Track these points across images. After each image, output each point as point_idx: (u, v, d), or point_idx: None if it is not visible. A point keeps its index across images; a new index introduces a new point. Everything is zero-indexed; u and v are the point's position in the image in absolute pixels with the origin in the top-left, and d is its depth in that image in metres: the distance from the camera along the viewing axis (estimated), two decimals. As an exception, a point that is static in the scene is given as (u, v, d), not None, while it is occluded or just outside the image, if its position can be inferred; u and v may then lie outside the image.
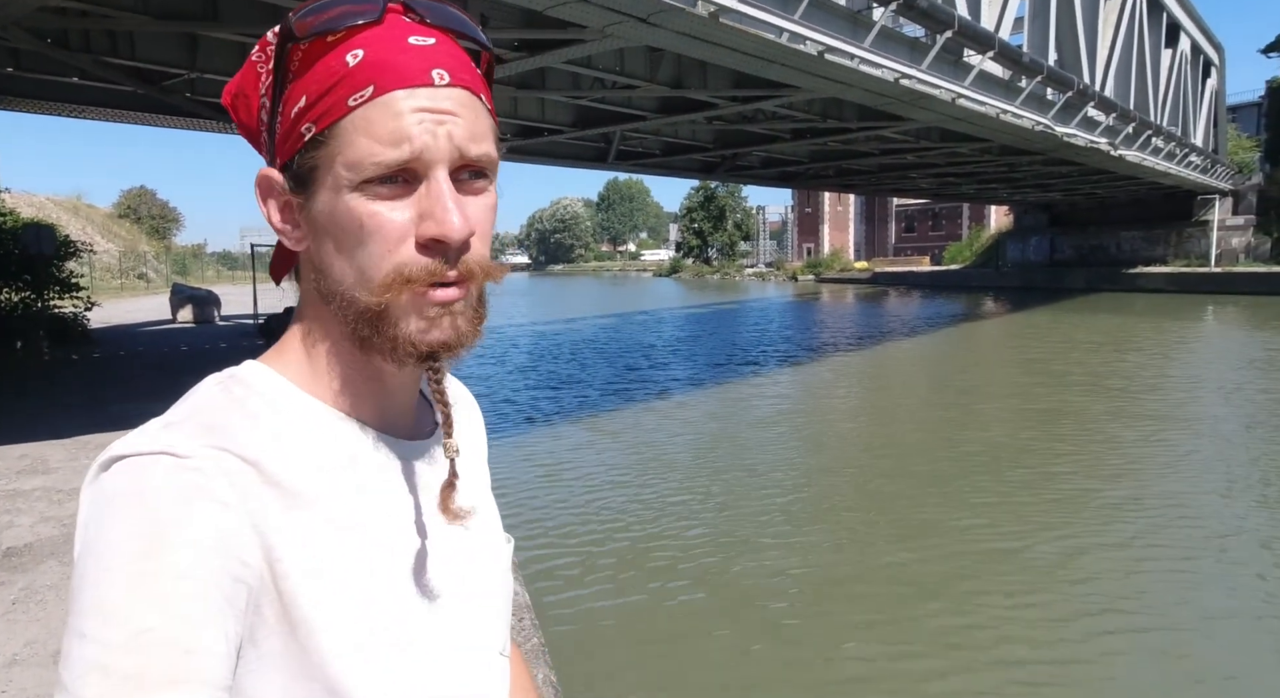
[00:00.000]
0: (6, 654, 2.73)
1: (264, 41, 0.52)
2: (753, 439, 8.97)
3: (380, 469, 0.54)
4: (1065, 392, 11.33)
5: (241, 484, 0.47)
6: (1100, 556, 5.23)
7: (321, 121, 0.48)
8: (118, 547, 0.44)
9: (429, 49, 0.50)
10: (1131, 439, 8.45)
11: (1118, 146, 18.32)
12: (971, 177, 25.60)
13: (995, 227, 46.78)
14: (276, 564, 0.47)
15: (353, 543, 0.51)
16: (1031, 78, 13.10)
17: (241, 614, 0.46)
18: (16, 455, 5.51)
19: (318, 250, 0.52)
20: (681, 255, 76.03)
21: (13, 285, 10.03)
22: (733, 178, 23.89)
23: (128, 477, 0.46)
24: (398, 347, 0.51)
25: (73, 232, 19.31)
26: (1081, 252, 37.48)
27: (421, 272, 0.49)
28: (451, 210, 0.49)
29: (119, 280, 27.67)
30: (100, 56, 8.86)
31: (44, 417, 6.59)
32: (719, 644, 4.11)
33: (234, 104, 0.54)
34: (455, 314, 0.51)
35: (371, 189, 0.49)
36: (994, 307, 29.02)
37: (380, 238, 0.49)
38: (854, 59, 9.43)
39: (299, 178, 0.50)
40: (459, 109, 0.49)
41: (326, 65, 0.49)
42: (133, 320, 16.23)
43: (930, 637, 4.15)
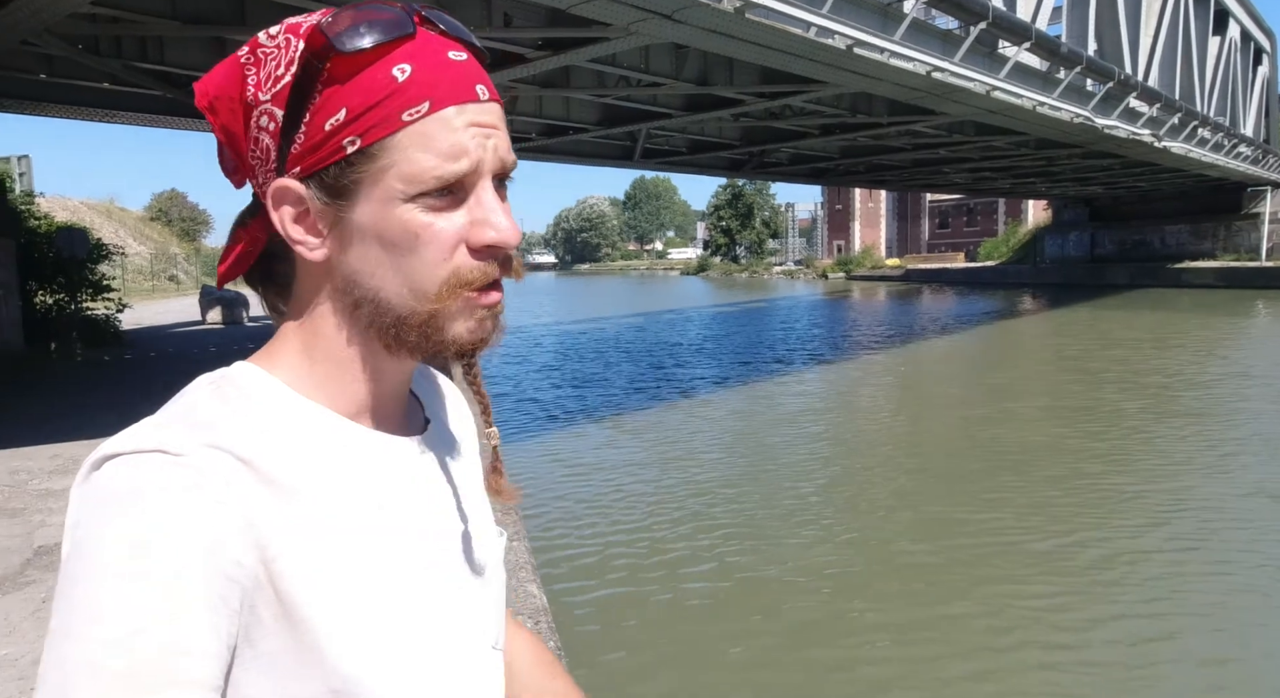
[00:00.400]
0: (36, 652, 2.73)
1: (255, 43, 0.51)
2: (778, 438, 8.88)
3: (375, 466, 0.55)
4: (1105, 390, 11.04)
5: (235, 482, 0.47)
6: (1134, 557, 5.09)
7: (370, 135, 0.49)
8: (109, 546, 0.44)
9: (467, 65, 0.52)
10: (1170, 437, 8.20)
11: (1162, 138, 17.78)
12: (1007, 171, 25.09)
13: (1033, 222, 45.88)
14: (272, 563, 0.48)
15: (349, 540, 0.51)
16: (1070, 69, 12.76)
17: (236, 614, 0.46)
18: (49, 456, 5.61)
19: (351, 259, 0.52)
20: (709, 254, 75.76)
21: (48, 288, 10.27)
22: (760, 175, 23.71)
23: (120, 475, 0.46)
24: (444, 347, 0.53)
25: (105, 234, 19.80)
26: (1124, 247, 36.62)
27: (478, 275, 0.52)
28: (504, 217, 0.52)
29: (150, 282, 28.35)
30: (130, 62, 9.02)
31: (77, 417, 6.71)
32: (742, 647, 4.06)
33: (213, 105, 0.53)
34: (497, 314, 0.55)
35: (425, 201, 0.50)
36: (1032, 304, 28.47)
37: (436, 247, 0.51)
38: (884, 53, 9.30)
39: (335, 189, 0.51)
40: (498, 122, 0.53)
41: (372, 78, 0.49)
42: (163, 322, 16.57)
43: (960, 638, 4.08)
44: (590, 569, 5.08)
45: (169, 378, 4.09)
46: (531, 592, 1.93)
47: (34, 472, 5.16)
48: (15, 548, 3.73)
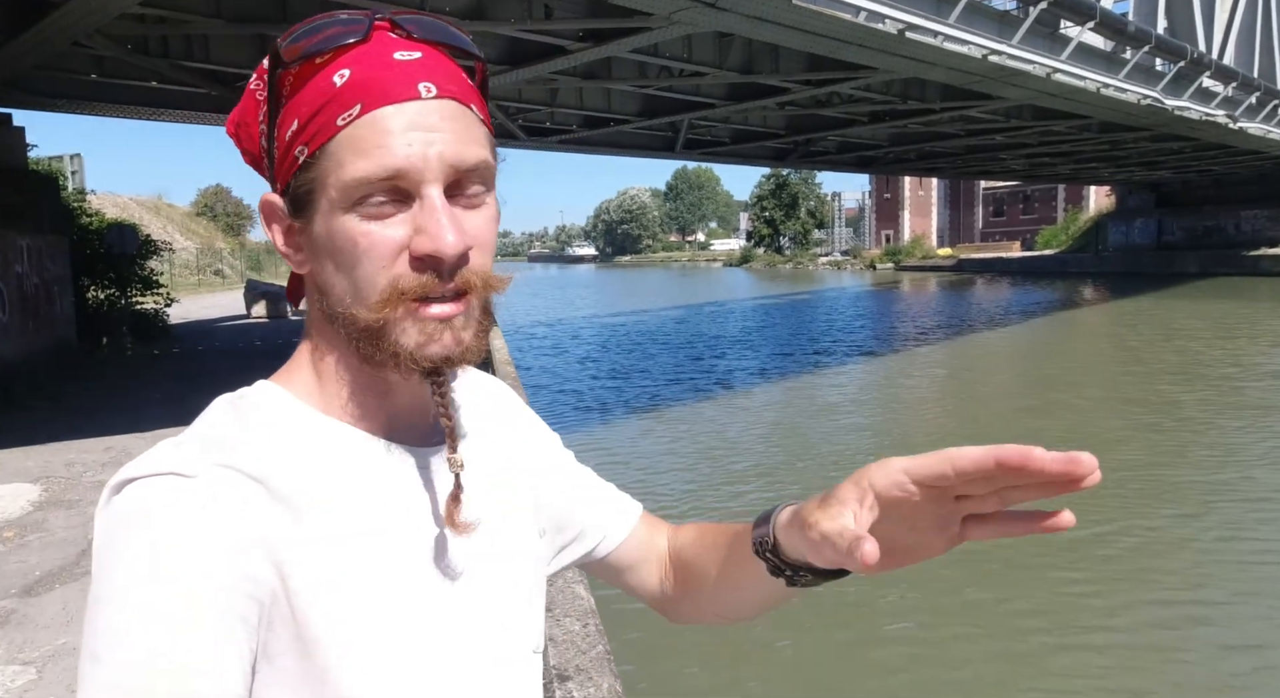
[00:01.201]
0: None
1: (260, 70, 0.52)
2: (818, 430, 8.78)
3: (390, 480, 0.54)
4: (1163, 381, 10.64)
5: (248, 501, 0.48)
6: (1174, 544, 5.01)
7: (313, 143, 0.49)
8: (127, 569, 0.44)
9: (415, 63, 0.50)
10: (1228, 430, 7.90)
11: (1238, 119, 16.90)
12: (1068, 156, 24.18)
13: (1095, 208, 44.25)
14: (288, 580, 0.48)
15: (364, 556, 0.51)
16: (1138, 48, 12.17)
17: (254, 631, 0.46)
18: (102, 448, 5.78)
19: (319, 271, 0.52)
20: (752, 245, 74.89)
21: (99, 283, 10.56)
22: (806, 164, 23.28)
23: (135, 499, 0.46)
24: (400, 362, 0.51)
25: (154, 230, 20.44)
26: (1194, 233, 35.12)
27: (415, 286, 0.49)
28: (445, 226, 0.48)
29: (196, 277, 29.22)
30: (177, 61, 9.20)
31: (128, 410, 6.92)
32: (790, 643, 4.03)
33: (237, 133, 0.55)
34: (455, 329, 0.51)
35: (365, 208, 0.49)
36: (1093, 294, 27.59)
37: (374, 256, 0.49)
38: (937, 37, 9.03)
39: (296, 201, 0.51)
40: (447, 122, 0.49)
41: (316, 87, 0.49)
42: (209, 316, 17.02)
43: (997, 625, 4.06)
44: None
45: (215, 371, 4.13)
46: (579, 594, 1.90)
47: (88, 464, 5.33)
48: (72, 539, 3.89)
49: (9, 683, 2.56)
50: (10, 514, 4.34)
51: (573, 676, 1.52)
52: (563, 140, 15.28)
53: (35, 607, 3.11)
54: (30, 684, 2.55)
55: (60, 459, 5.46)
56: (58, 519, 4.18)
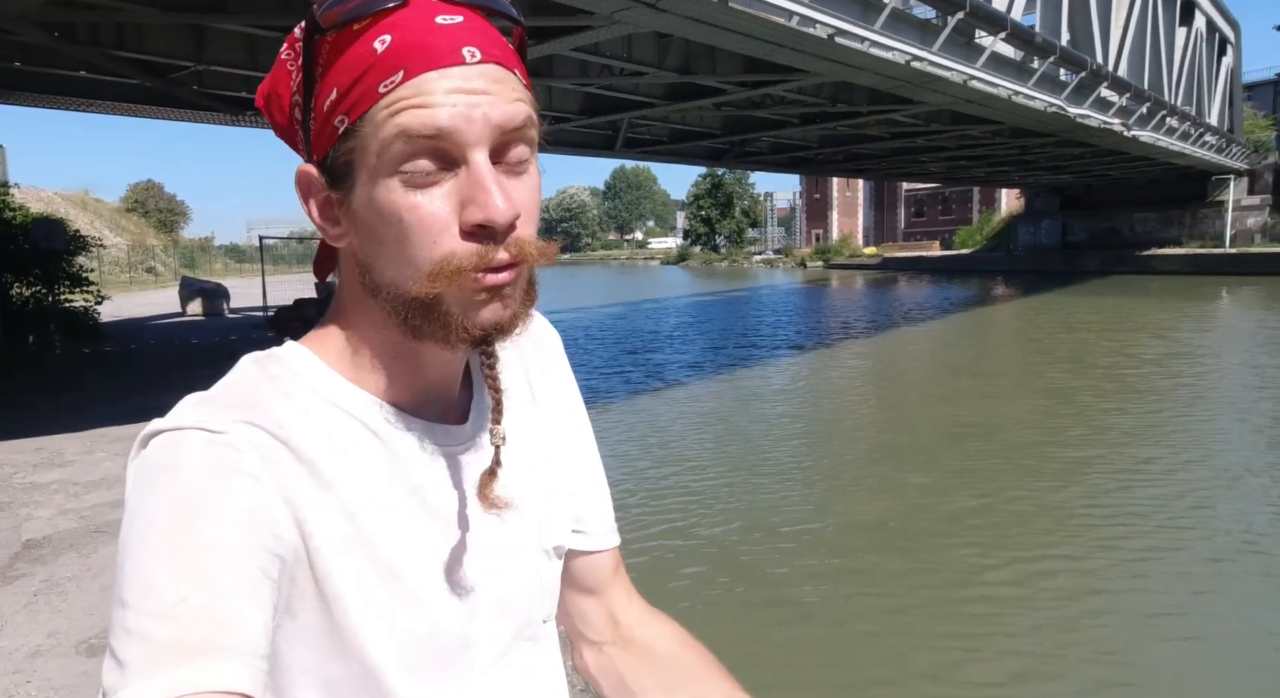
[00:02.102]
0: (30, 645, 2.76)
1: (292, 38, 0.51)
2: (748, 420, 9.02)
3: (411, 452, 0.54)
4: (1061, 368, 11.45)
5: (273, 459, 0.48)
6: (1056, 511, 5.47)
7: (354, 112, 0.47)
8: (154, 519, 0.45)
9: (457, 28, 0.48)
10: (1111, 410, 8.66)
11: (1131, 127, 18.07)
12: (983, 159, 25.33)
13: (1006, 210, 46.38)
14: (309, 538, 0.48)
15: (384, 525, 0.51)
16: (1044, 58, 12.91)
17: (276, 585, 0.47)
18: (33, 449, 5.56)
19: (361, 245, 0.51)
20: (689, 243, 75.72)
21: (24, 280, 10.07)
22: (741, 164, 23.72)
23: (163, 451, 0.47)
24: (450, 333, 0.51)
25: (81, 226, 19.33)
26: (1094, 234, 37.16)
27: (471, 259, 0.48)
28: (494, 193, 0.47)
29: (128, 274, 27.71)
30: (107, 49, 8.84)
31: (59, 410, 6.64)
32: (744, 639, 4.06)
33: (268, 106, 0.53)
34: (506, 297, 0.51)
35: (410, 177, 0.48)
36: (1005, 291, 28.86)
37: (423, 229, 0.48)
38: (865, 42, 9.32)
39: (335, 173, 0.50)
40: (493, 86, 0.48)
41: (355, 54, 0.48)
42: (143, 314, 16.28)
43: (900, 596, 4.25)
44: None
45: (149, 370, 4.16)
46: None
47: (19, 465, 5.13)
48: (4, 542, 3.74)
49: (-56, 691, 2.49)
50: (-56, 515, 4.16)
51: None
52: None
53: None
54: (-36, 691, 2.49)
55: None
56: (-13, 523, 3.97)
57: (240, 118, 11.59)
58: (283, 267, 27.94)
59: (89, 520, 4.08)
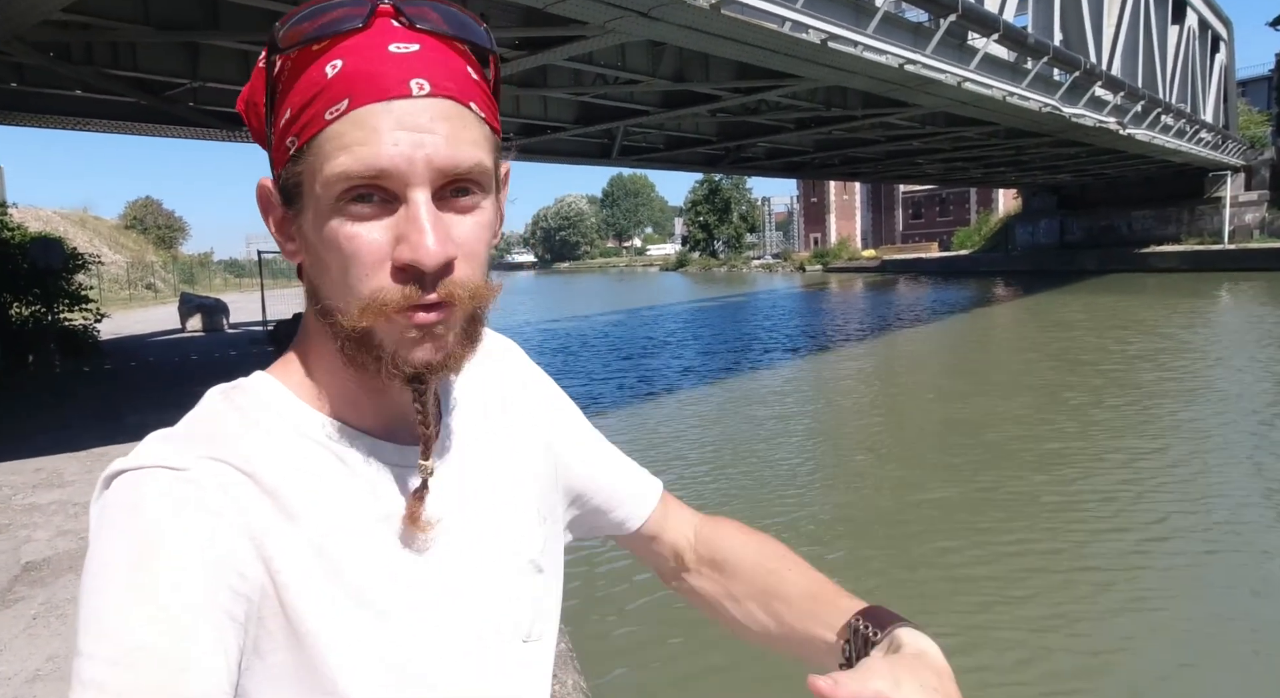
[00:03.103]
0: (29, 669, 2.73)
1: (266, 48, 0.51)
2: (749, 424, 9.03)
3: (382, 477, 0.53)
4: (1057, 370, 11.48)
5: (237, 495, 0.47)
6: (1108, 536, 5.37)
7: (302, 136, 0.47)
8: (112, 561, 0.43)
9: (410, 57, 0.47)
10: (1107, 407, 8.73)
11: (1126, 126, 18.10)
12: (978, 160, 25.38)
13: (1004, 210, 46.43)
14: (277, 575, 0.47)
15: (355, 553, 0.50)
16: (1038, 59, 12.95)
17: (242, 627, 0.45)
18: (32, 469, 5.52)
19: (310, 266, 0.51)
20: (687, 249, 75.82)
21: (23, 299, 10.07)
22: (737, 170, 23.78)
23: (124, 491, 0.46)
24: (382, 367, 0.50)
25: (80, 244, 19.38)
26: (1092, 233, 37.17)
27: (396, 297, 0.47)
28: (427, 233, 0.46)
29: (127, 291, 27.69)
30: (102, 68, 8.87)
31: (58, 430, 6.61)
32: (733, 655, 4.00)
33: (246, 111, 0.53)
34: (438, 337, 0.49)
35: (349, 209, 0.47)
36: (1004, 291, 28.89)
37: (359, 261, 0.47)
38: (857, 46, 9.35)
39: (287, 192, 0.50)
40: (439, 123, 0.47)
41: (310, 76, 0.47)
42: (142, 331, 16.25)
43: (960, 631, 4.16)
44: (590, 568, 5.08)
45: (149, 388, 4.14)
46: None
47: (18, 486, 5.08)
48: (3, 565, 3.69)
49: (-57, 717, 2.46)
50: (-58, 538, 4.14)
51: None
52: (500, 149, 15.26)
53: None
54: (-34, 714, 2.45)
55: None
56: (-14, 545, 3.94)
57: (236, 133, 11.62)
58: (282, 280, 27.92)
59: (88, 542, 4.05)
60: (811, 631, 0.65)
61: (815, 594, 0.67)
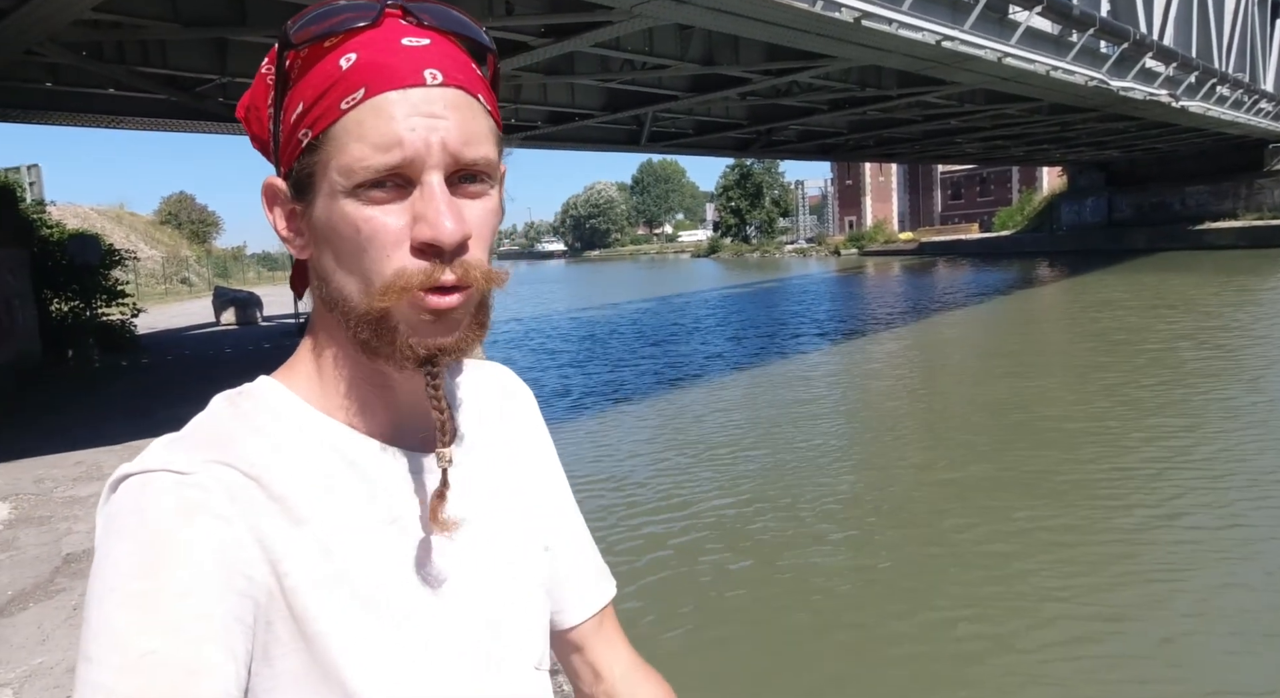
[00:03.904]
0: (70, 660, 2.76)
1: (271, 52, 0.52)
2: (787, 414, 8.90)
3: (389, 481, 0.54)
4: (1129, 357, 10.97)
5: (243, 499, 0.47)
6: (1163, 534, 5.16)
7: (316, 126, 0.49)
8: (119, 566, 0.44)
9: (422, 50, 0.49)
10: (1164, 400, 8.28)
11: (1179, 98, 17.40)
12: (1020, 138, 24.67)
13: (1048, 189, 45.16)
14: (284, 578, 0.47)
15: (360, 555, 0.51)
16: (1083, 31, 12.48)
17: (250, 630, 0.46)
18: (72, 463, 5.65)
19: (318, 257, 0.52)
20: (719, 235, 75.20)
21: (62, 295, 10.32)
22: (769, 153, 23.46)
23: (130, 496, 0.46)
24: (397, 350, 0.51)
25: (117, 240, 19.85)
26: (1142, 210, 35.99)
27: (419, 276, 0.49)
28: (444, 213, 0.48)
29: (163, 286, 28.29)
30: (133, 66, 9.00)
31: (97, 424, 6.76)
32: (773, 647, 4.01)
33: (247, 117, 0.55)
34: (454, 320, 0.51)
35: (366, 194, 0.48)
36: (1049, 272, 28.19)
37: (377, 243, 0.49)
38: (892, 24, 9.14)
39: (299, 185, 0.51)
40: (452, 111, 0.49)
41: (322, 70, 0.49)
42: (178, 325, 16.57)
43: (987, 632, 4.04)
44: (611, 565, 5.07)
45: (185, 381, 4.18)
46: None
47: (59, 479, 5.20)
48: (45, 557, 3.78)
49: (-15, 706, 2.51)
50: (-20, 533, 4.25)
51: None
52: (527, 137, 15.25)
53: (9, 627, 3.04)
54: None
55: (29, 475, 5.27)
56: (29, 537, 4.07)
57: (267, 128, 11.70)
58: (315, 273, 28.22)
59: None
60: None
61: None
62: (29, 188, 12.14)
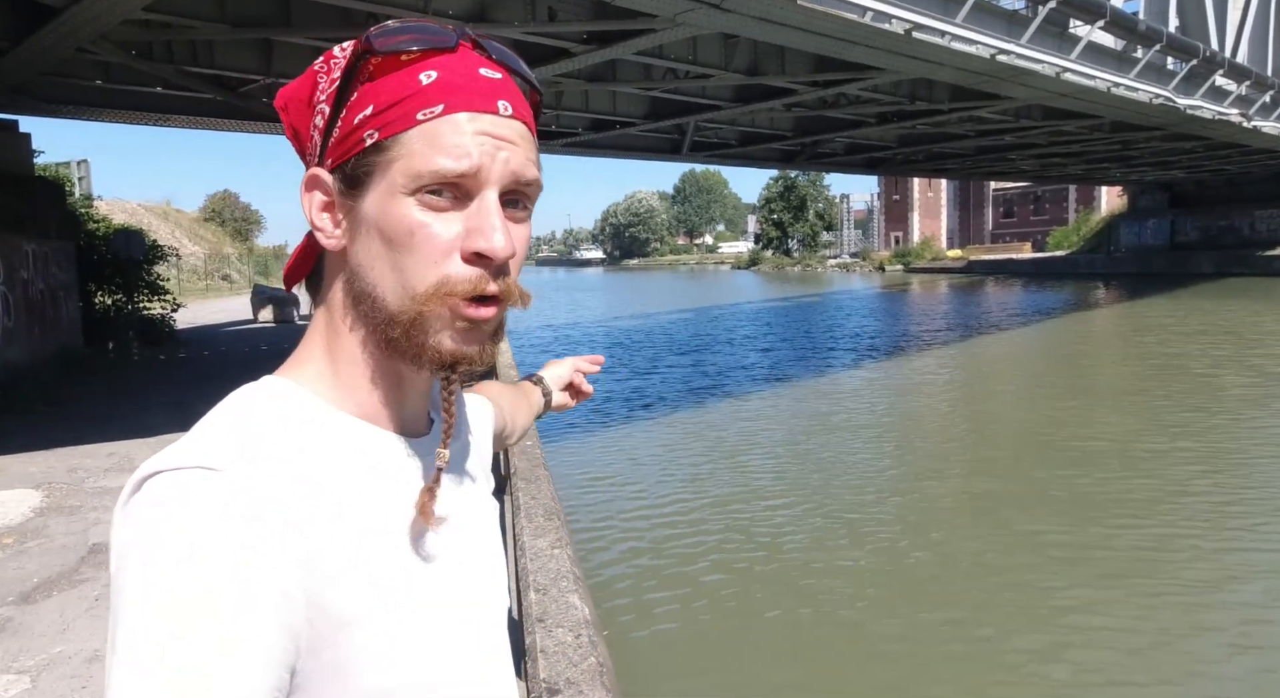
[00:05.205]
0: (89, 650, 2.80)
1: (329, 54, 0.55)
2: (829, 435, 8.69)
3: (401, 472, 0.56)
4: (1203, 389, 10.43)
5: (274, 495, 0.48)
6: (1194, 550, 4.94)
7: (387, 130, 0.51)
8: (153, 566, 0.43)
9: (497, 82, 0.54)
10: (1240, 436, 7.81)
11: (1252, 117, 16.66)
12: (1079, 156, 23.93)
13: (1107, 209, 43.84)
14: (318, 573, 0.48)
15: (387, 547, 0.53)
16: (1149, 47, 12.00)
17: (288, 629, 0.46)
18: (105, 454, 5.74)
19: (358, 250, 0.54)
20: (760, 247, 74.68)
21: (105, 289, 10.57)
22: (814, 166, 23.14)
23: (161, 494, 0.46)
24: (424, 353, 0.53)
25: (162, 236, 20.44)
26: (1208, 233, 34.74)
27: (465, 284, 0.52)
28: (499, 228, 0.52)
29: (204, 282, 29.07)
30: (182, 66, 9.19)
31: (133, 415, 6.89)
32: (800, 659, 3.94)
33: (286, 105, 0.57)
34: (485, 331, 0.54)
35: (425, 198, 0.51)
36: (1106, 295, 27.34)
37: (428, 248, 0.51)
38: (945, 37, 8.92)
39: (353, 179, 0.53)
40: (517, 139, 0.53)
41: (399, 80, 0.52)
42: (216, 321, 16.98)
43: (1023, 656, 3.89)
44: (637, 575, 4.93)
45: (221, 376, 4.09)
46: (573, 603, 1.81)
47: (91, 470, 5.29)
48: (72, 546, 3.88)
49: (2, 692, 2.53)
50: (10, 520, 4.30)
51: (563, 689, 1.46)
52: (568, 144, 15.24)
53: (32, 615, 3.08)
54: (24, 694, 2.51)
55: (63, 465, 5.38)
56: (58, 526, 4.14)
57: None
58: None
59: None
60: (531, 401, 1.01)
61: (522, 392, 1.01)
62: (78, 183, 12.52)
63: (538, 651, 1.54)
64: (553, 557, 1.97)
